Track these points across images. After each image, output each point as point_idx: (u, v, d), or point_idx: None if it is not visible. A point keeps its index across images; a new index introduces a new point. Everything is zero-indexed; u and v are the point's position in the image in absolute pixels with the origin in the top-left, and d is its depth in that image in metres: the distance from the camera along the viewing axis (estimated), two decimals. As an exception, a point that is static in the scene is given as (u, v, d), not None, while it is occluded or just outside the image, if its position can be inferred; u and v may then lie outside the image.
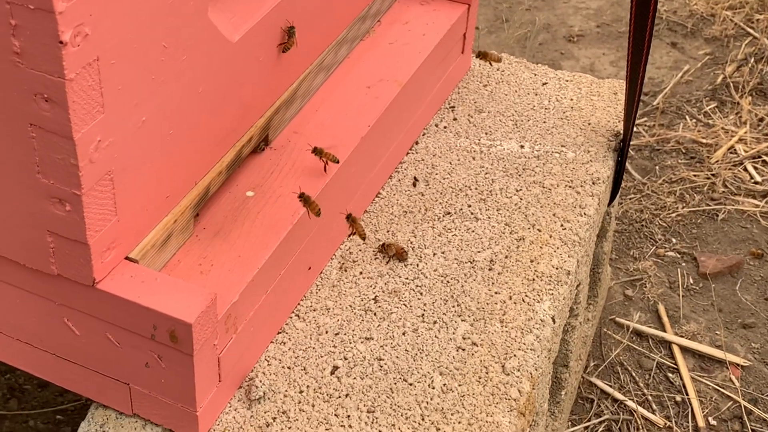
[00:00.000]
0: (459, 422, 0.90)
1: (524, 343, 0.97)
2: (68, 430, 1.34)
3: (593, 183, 1.17)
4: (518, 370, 0.95)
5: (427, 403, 0.92)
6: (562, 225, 1.11)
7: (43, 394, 1.38)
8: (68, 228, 0.78)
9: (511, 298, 1.02)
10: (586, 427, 1.37)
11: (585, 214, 1.13)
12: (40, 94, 0.71)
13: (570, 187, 1.16)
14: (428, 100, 1.23)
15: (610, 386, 1.42)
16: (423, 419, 0.90)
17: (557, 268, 1.06)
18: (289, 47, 0.99)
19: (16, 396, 1.37)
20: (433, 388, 0.93)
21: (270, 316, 0.95)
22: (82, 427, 0.90)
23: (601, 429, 1.37)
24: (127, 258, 0.85)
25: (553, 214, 1.12)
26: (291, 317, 1.00)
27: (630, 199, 1.75)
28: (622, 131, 1.25)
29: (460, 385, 0.93)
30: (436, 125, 1.25)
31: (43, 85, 0.70)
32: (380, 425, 0.89)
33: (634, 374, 1.44)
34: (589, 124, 1.26)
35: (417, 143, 1.22)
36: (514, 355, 0.96)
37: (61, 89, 0.70)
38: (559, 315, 1.03)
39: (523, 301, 1.02)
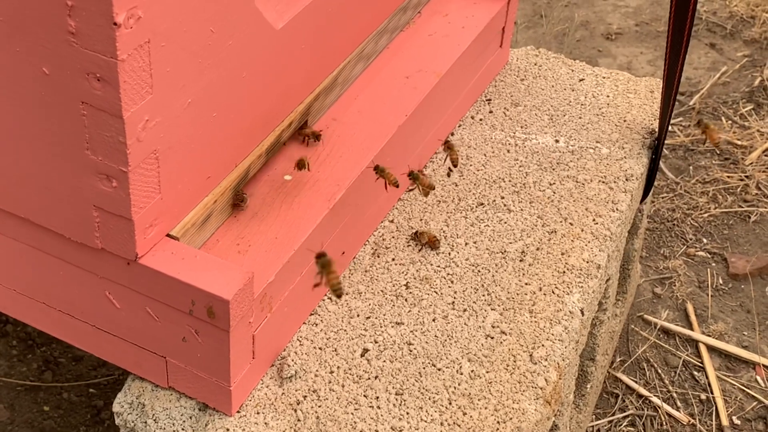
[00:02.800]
0: (485, 407, 0.92)
1: (552, 334, 0.99)
2: (101, 404, 1.37)
3: (626, 179, 1.18)
4: (546, 360, 0.96)
5: (455, 388, 0.94)
6: (594, 219, 1.12)
7: (77, 367, 1.42)
8: (114, 204, 0.81)
9: (541, 289, 1.04)
10: (611, 421, 1.39)
11: (617, 209, 1.14)
12: (93, 74, 0.73)
13: (603, 182, 1.17)
14: (465, 92, 1.25)
15: (636, 382, 1.43)
16: (450, 403, 0.92)
17: (588, 262, 1.07)
18: None
19: (50, 368, 1.41)
20: (461, 373, 0.95)
21: (303, 298, 0.98)
22: (118, 397, 0.93)
23: (625, 423, 1.39)
24: (168, 235, 0.88)
25: (586, 209, 1.14)
26: (324, 300, 1.02)
27: (662, 198, 1.76)
28: (657, 129, 1.26)
29: (487, 372, 0.95)
30: (472, 117, 1.27)
31: (95, 64, 0.73)
32: (408, 407, 0.92)
33: (659, 371, 1.45)
34: (625, 121, 1.27)
35: (453, 134, 1.24)
36: (542, 345, 0.98)
37: (113, 69, 0.72)
38: (588, 308, 1.04)
39: (553, 292, 1.03)
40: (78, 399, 1.38)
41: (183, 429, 0.90)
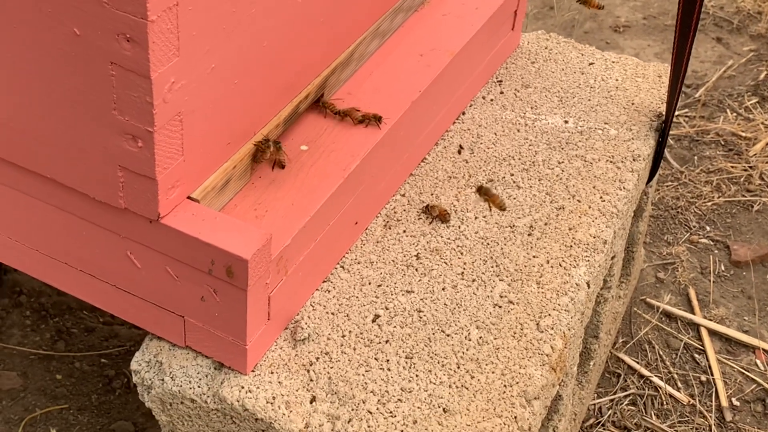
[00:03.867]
0: (493, 372, 0.94)
1: (559, 304, 1.02)
2: (112, 373, 1.39)
3: (634, 159, 1.20)
4: (552, 329, 0.99)
5: (463, 353, 0.96)
6: (601, 197, 1.15)
7: (89, 338, 1.44)
8: (139, 163, 0.83)
9: (548, 262, 1.06)
10: (612, 400, 1.41)
11: (624, 188, 1.16)
12: (123, 34, 0.76)
13: (611, 162, 1.20)
14: (477, 72, 1.27)
15: (637, 362, 1.46)
16: (458, 367, 0.95)
17: (594, 237, 1.10)
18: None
19: (63, 338, 1.43)
20: (470, 340, 0.97)
21: (317, 264, 1.00)
22: (136, 356, 0.96)
23: (626, 402, 1.41)
24: (189, 198, 0.90)
25: (593, 187, 1.16)
26: (336, 268, 1.04)
27: (667, 186, 1.78)
28: (664, 113, 1.29)
29: (495, 339, 0.98)
30: (483, 98, 1.30)
31: (126, 25, 0.75)
32: (417, 370, 0.94)
33: (661, 353, 1.48)
34: (633, 103, 1.30)
35: (464, 114, 1.27)
36: (549, 315, 1.00)
37: (143, 30, 0.75)
38: (593, 281, 1.07)
39: (560, 265, 1.06)
40: (90, 368, 1.40)
41: (199, 386, 0.92)
